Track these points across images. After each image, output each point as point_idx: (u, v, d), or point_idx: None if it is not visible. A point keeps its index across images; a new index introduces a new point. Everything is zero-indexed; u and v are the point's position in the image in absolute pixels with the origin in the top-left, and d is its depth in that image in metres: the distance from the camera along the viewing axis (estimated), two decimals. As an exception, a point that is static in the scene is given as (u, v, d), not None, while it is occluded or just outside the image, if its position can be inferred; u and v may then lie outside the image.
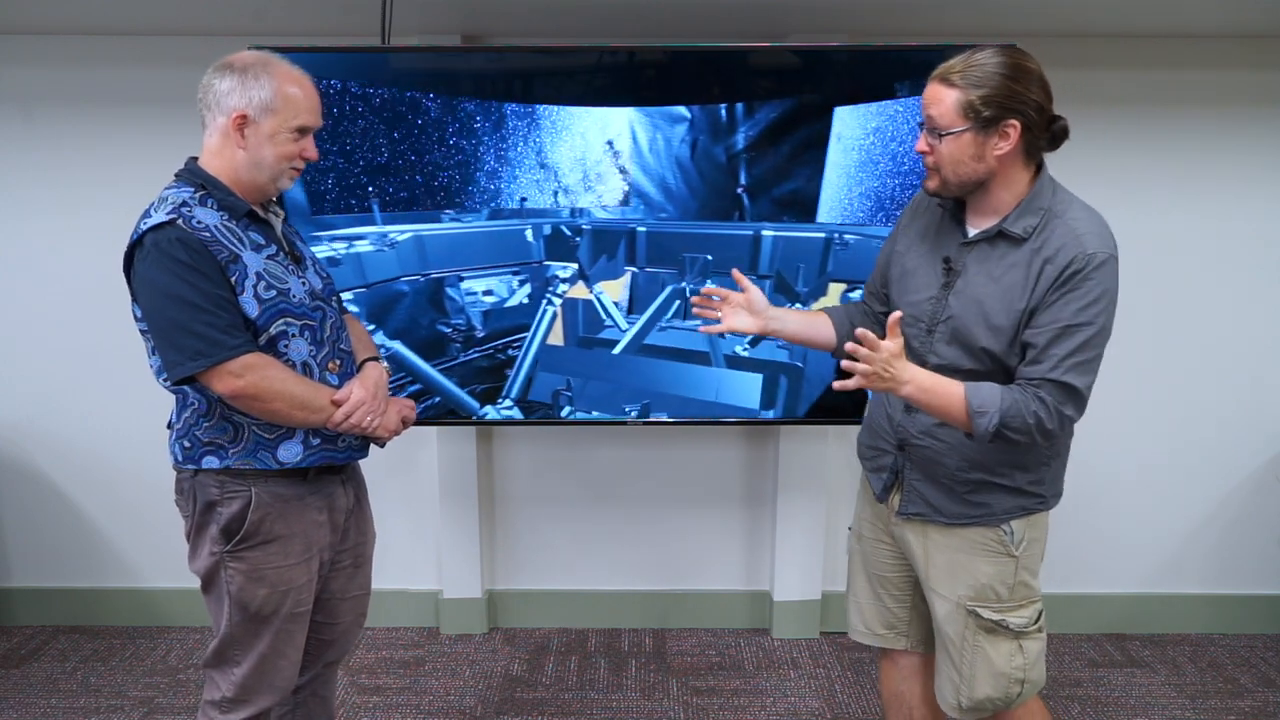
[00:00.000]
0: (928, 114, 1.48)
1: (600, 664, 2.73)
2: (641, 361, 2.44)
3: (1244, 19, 2.40)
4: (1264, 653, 2.79)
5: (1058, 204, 1.48)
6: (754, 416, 2.46)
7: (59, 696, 2.53)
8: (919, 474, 1.62)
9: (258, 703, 1.60)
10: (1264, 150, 2.60)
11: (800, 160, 2.25)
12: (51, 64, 2.55)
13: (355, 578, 1.76)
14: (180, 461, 1.55)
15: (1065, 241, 1.44)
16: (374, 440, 1.67)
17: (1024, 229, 1.47)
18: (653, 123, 2.25)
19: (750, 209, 2.30)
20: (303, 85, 1.52)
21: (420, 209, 2.30)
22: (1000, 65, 1.42)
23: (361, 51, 2.18)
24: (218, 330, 1.42)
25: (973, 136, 1.44)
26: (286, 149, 1.51)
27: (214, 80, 1.49)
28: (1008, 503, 1.56)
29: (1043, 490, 1.59)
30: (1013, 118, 1.42)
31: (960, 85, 1.43)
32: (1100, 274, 1.42)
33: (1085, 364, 1.43)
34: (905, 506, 1.66)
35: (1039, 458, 1.55)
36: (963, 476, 1.57)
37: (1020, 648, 1.60)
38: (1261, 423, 2.78)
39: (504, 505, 2.89)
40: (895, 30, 2.46)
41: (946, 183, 1.50)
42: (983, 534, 1.58)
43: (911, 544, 1.68)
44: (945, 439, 1.57)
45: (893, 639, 1.81)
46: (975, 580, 1.59)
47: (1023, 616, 1.60)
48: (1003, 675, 1.60)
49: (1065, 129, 1.49)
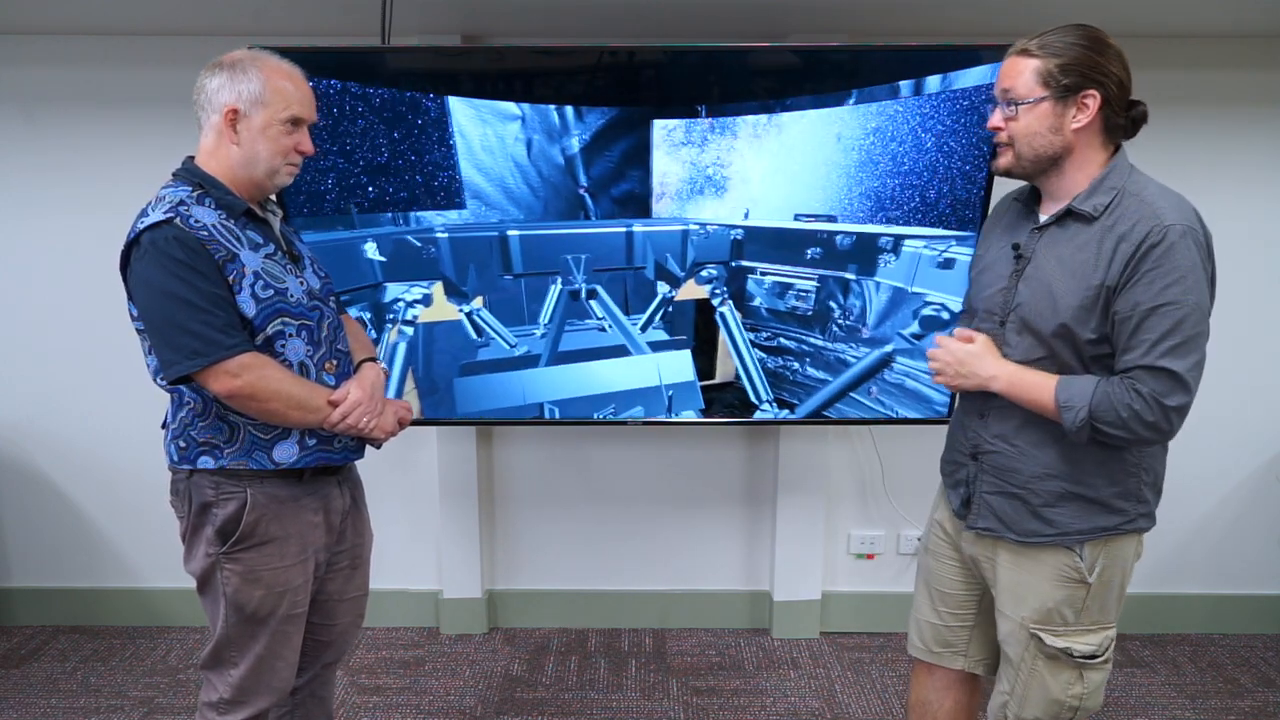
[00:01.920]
0: (1004, 87, 1.44)
1: (600, 664, 2.73)
2: (569, 370, 2.37)
3: (1244, 19, 2.39)
4: (1264, 653, 2.78)
5: (1132, 183, 1.41)
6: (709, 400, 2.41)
7: (59, 696, 2.53)
8: (991, 484, 1.55)
9: (255, 704, 1.60)
10: (1264, 150, 2.60)
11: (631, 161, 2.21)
12: (51, 64, 2.55)
13: (353, 579, 1.76)
14: (175, 462, 1.55)
15: (1140, 216, 1.37)
16: (370, 441, 1.67)
17: (1094, 207, 1.41)
18: (481, 116, 2.15)
19: (594, 208, 2.24)
20: (293, 78, 1.52)
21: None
22: (1080, 36, 1.40)
23: (361, 51, 2.17)
24: (214, 329, 1.42)
25: (1050, 106, 1.40)
26: (280, 142, 1.51)
27: (205, 80, 1.49)
28: (1085, 520, 1.48)
29: (1127, 506, 1.48)
30: (1092, 88, 1.39)
31: (1039, 55, 1.40)
32: (1182, 246, 1.33)
33: (1181, 346, 1.34)
34: (975, 520, 1.58)
35: (1125, 467, 1.46)
36: (1038, 486, 1.49)
37: (1081, 677, 1.53)
38: (1261, 423, 2.78)
39: (504, 505, 2.89)
40: (895, 30, 2.46)
41: (1020, 158, 1.45)
42: (1055, 556, 1.50)
43: (981, 563, 1.62)
44: (1020, 443, 1.51)
45: (949, 657, 1.75)
46: (1041, 603, 1.52)
47: (1089, 644, 1.52)
48: (1057, 702, 1.54)
49: (1145, 114, 1.44)
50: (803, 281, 2.16)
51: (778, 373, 2.30)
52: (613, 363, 2.37)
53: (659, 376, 2.37)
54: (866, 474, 2.85)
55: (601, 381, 2.38)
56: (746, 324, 2.29)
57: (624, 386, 2.38)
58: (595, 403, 2.41)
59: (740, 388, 2.36)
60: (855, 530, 2.89)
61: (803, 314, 2.18)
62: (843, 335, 2.16)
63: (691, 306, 2.33)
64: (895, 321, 1.99)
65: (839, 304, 2.14)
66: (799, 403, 2.30)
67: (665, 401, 2.39)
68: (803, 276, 2.16)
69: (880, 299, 2.06)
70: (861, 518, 2.88)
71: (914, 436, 2.68)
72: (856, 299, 2.09)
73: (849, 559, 2.91)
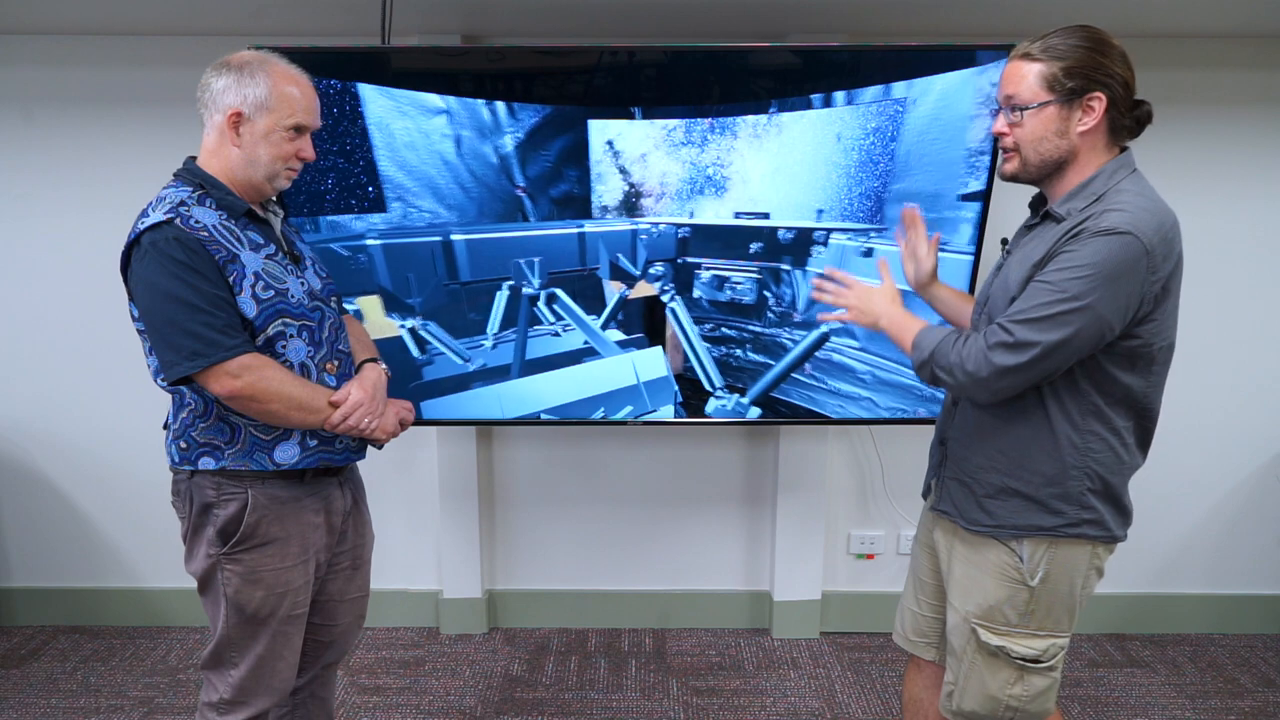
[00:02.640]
0: (1007, 93, 1.43)
1: (600, 664, 2.73)
2: (547, 379, 2.35)
3: (1244, 19, 2.39)
4: (1264, 653, 2.79)
5: (1113, 190, 1.39)
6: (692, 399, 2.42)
7: (59, 696, 2.53)
8: (951, 470, 1.60)
9: (255, 704, 1.60)
10: (1264, 150, 2.60)
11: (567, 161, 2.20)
12: (51, 64, 2.55)
13: (354, 579, 1.76)
14: (176, 462, 1.55)
15: (1093, 213, 1.36)
16: (371, 442, 1.66)
17: (1068, 210, 1.41)
18: (400, 109, 2.09)
19: (533, 210, 2.21)
20: (300, 84, 1.51)
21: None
22: (1083, 38, 1.39)
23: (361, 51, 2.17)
24: (215, 330, 1.42)
25: (1056, 110, 1.39)
26: (282, 149, 1.51)
27: (211, 79, 1.48)
28: (1021, 516, 1.48)
29: (1067, 509, 1.46)
30: (1098, 90, 1.38)
31: (1042, 59, 1.39)
32: (1100, 243, 1.31)
33: (1039, 321, 1.34)
34: (937, 502, 1.65)
35: (1064, 469, 1.45)
36: (982, 476, 1.53)
37: (1021, 678, 1.53)
38: (1261, 423, 2.78)
39: (504, 505, 2.89)
40: (895, 30, 2.46)
41: (1027, 163, 1.44)
42: (997, 553, 1.52)
43: (940, 547, 1.66)
44: (972, 434, 1.55)
45: (922, 647, 1.78)
46: (985, 599, 1.54)
47: (1031, 648, 1.52)
48: (993, 699, 1.55)
49: (1150, 114, 1.43)
50: (742, 274, 2.22)
51: (724, 361, 2.34)
52: (590, 366, 2.36)
53: (636, 375, 2.38)
54: (866, 474, 2.85)
55: (583, 386, 2.38)
56: (693, 315, 2.33)
57: (607, 388, 2.38)
58: (583, 407, 2.41)
59: (694, 378, 2.40)
60: (855, 530, 2.89)
61: (742, 304, 2.26)
62: (777, 321, 2.24)
63: (642, 304, 2.34)
64: (823, 305, 2.10)
65: (773, 293, 2.22)
66: (747, 386, 2.35)
67: (646, 399, 2.40)
68: (743, 270, 2.22)
69: (809, 286, 2.16)
70: (861, 518, 2.88)
71: (914, 436, 2.68)
72: (788, 288, 2.19)
73: (849, 559, 2.92)
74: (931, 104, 2.01)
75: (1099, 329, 1.34)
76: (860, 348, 2.19)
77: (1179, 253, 1.41)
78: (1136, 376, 1.43)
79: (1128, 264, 1.32)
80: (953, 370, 1.42)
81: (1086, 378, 1.42)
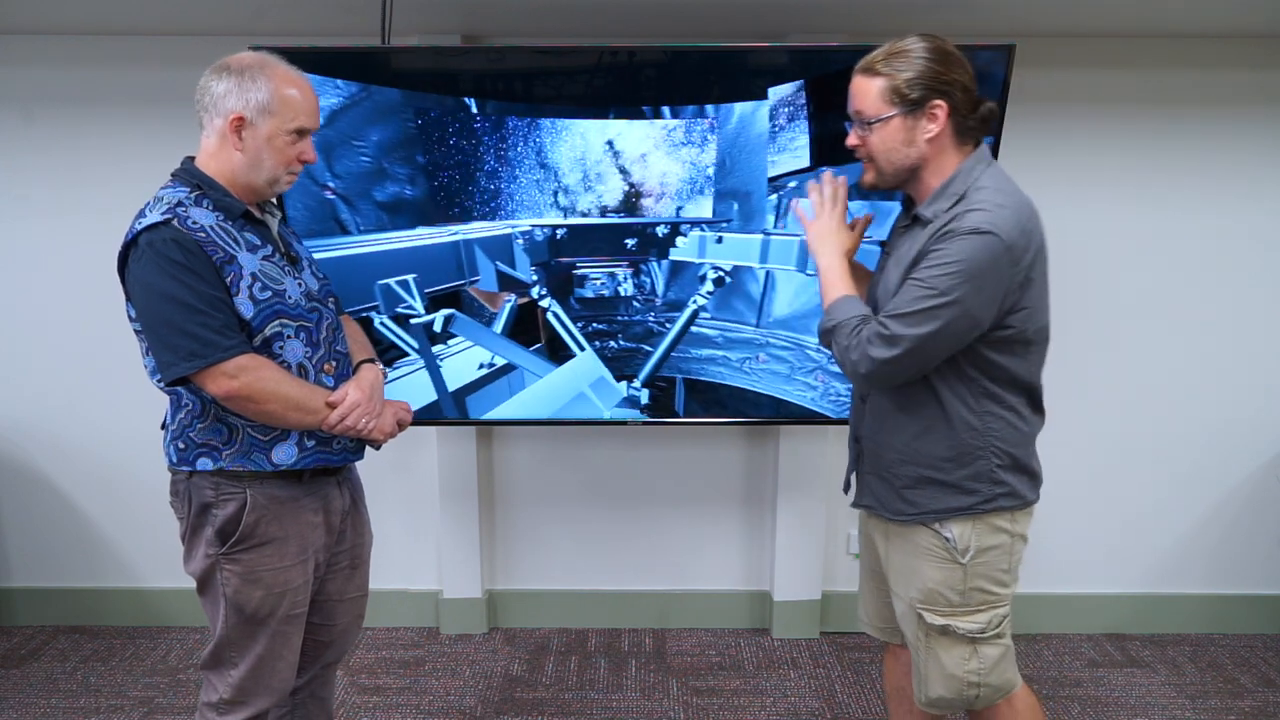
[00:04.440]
0: (855, 109, 1.51)
1: (600, 664, 2.73)
2: (484, 402, 2.40)
3: (1244, 19, 2.39)
4: (1264, 653, 2.78)
5: (976, 189, 1.45)
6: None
7: (59, 696, 2.53)
8: (868, 465, 1.66)
9: (255, 704, 1.60)
10: (1264, 150, 2.60)
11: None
12: (51, 64, 2.55)
13: (352, 579, 1.76)
14: (175, 463, 1.55)
15: (958, 212, 1.43)
16: (369, 442, 1.67)
17: (934, 212, 1.47)
18: None
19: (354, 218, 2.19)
20: (301, 87, 1.51)
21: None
22: (922, 50, 1.46)
23: (361, 51, 2.17)
24: (212, 331, 1.42)
25: (901, 121, 1.46)
26: (284, 153, 1.51)
27: (211, 82, 1.48)
28: (939, 501, 1.54)
29: (980, 487, 1.53)
30: (938, 98, 1.44)
31: (884, 73, 1.46)
32: (964, 243, 1.38)
33: (909, 316, 1.41)
34: (858, 498, 1.70)
35: (970, 452, 1.52)
36: (898, 470, 1.58)
37: (975, 652, 1.59)
38: (1261, 423, 2.78)
39: (504, 505, 2.89)
40: (895, 30, 2.42)
41: (882, 173, 1.52)
42: (926, 538, 1.57)
43: (876, 541, 1.71)
44: (882, 430, 1.60)
45: (890, 633, 1.83)
46: (924, 583, 1.59)
47: (975, 622, 1.57)
48: (954, 678, 1.60)
49: (992, 110, 1.50)
50: (613, 270, 2.32)
51: (603, 352, 2.40)
52: (542, 384, 2.41)
53: (581, 383, 2.42)
54: (866, 474, 2.85)
55: (531, 407, 2.42)
56: (572, 315, 2.37)
57: (564, 400, 2.43)
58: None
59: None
60: (855, 530, 2.89)
61: (615, 297, 2.35)
62: (644, 308, 2.35)
63: (525, 310, 2.36)
64: (684, 288, 2.28)
65: (640, 283, 2.33)
66: (636, 373, 2.41)
67: (600, 406, 2.44)
68: (614, 264, 2.31)
69: (665, 272, 2.31)
70: (861, 518, 2.88)
71: (914, 436, 2.68)
72: (646, 277, 2.32)
73: (849, 559, 2.91)
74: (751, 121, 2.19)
75: (967, 323, 1.41)
76: (710, 316, 2.35)
77: (1040, 241, 1.46)
78: (1016, 359, 1.50)
79: (989, 261, 1.38)
80: (844, 350, 1.49)
81: (972, 365, 1.49)
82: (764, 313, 2.31)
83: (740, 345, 2.35)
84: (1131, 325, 2.71)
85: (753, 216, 2.24)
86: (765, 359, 2.33)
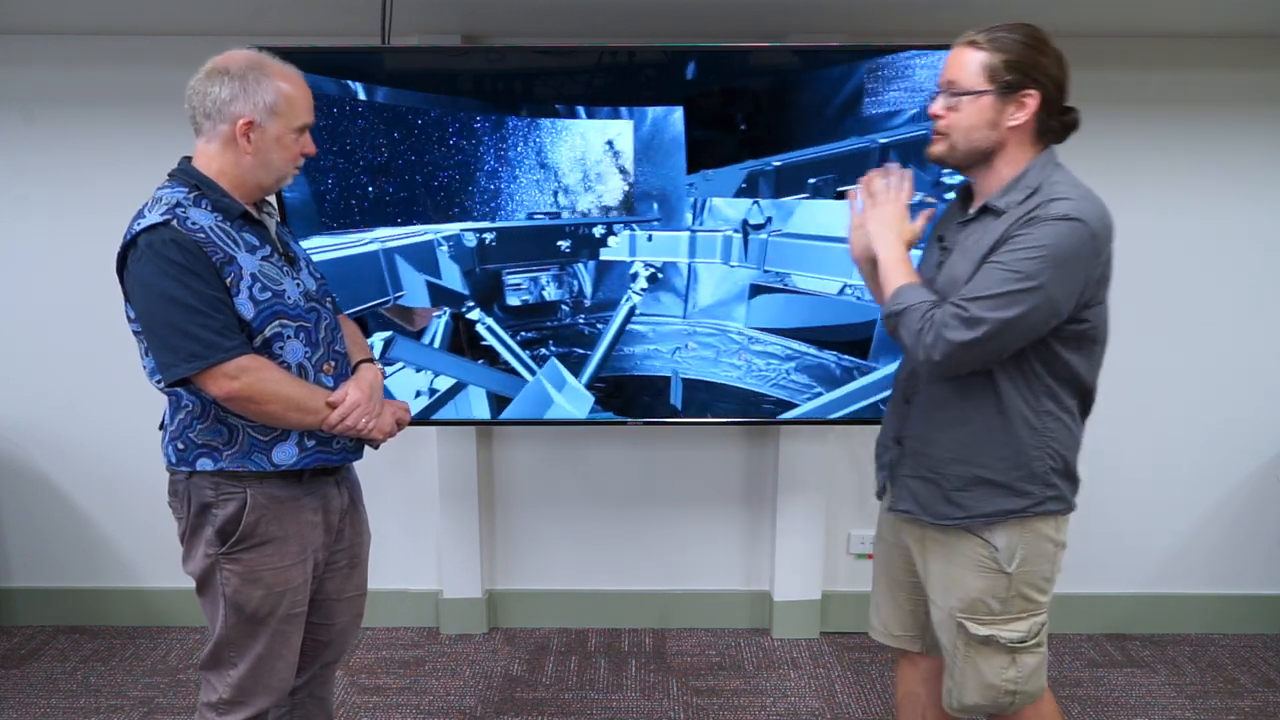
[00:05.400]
0: (949, 77, 1.48)
1: (600, 664, 2.73)
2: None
3: (1244, 19, 2.39)
4: (1264, 653, 2.78)
5: (1049, 181, 1.45)
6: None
7: (59, 696, 2.53)
8: (910, 468, 1.61)
9: (254, 704, 1.60)
10: (1264, 150, 2.60)
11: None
12: (51, 64, 2.56)
13: (351, 578, 1.76)
14: (174, 463, 1.55)
15: (1039, 203, 1.42)
16: (368, 442, 1.66)
17: (1006, 204, 1.46)
18: None
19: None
20: (297, 83, 1.52)
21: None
22: (1026, 35, 1.44)
23: (361, 51, 2.18)
24: (212, 332, 1.42)
25: (992, 101, 1.44)
26: (292, 150, 1.52)
27: (209, 87, 1.46)
28: (990, 503, 1.51)
29: (1033, 489, 1.51)
30: (1033, 88, 1.43)
31: (986, 48, 1.44)
32: (1051, 228, 1.37)
33: (992, 299, 1.37)
34: (895, 503, 1.65)
35: (1027, 450, 1.49)
36: (948, 470, 1.54)
37: (1014, 661, 1.57)
38: (1261, 423, 2.78)
39: (504, 505, 2.89)
40: (894, 30, 2.46)
41: (954, 149, 1.49)
42: (972, 547, 1.54)
43: (912, 548, 1.67)
44: (933, 429, 1.56)
45: (908, 641, 1.79)
46: (966, 593, 1.56)
47: (1017, 630, 1.56)
48: (992, 687, 1.58)
49: (1076, 121, 1.50)
50: (539, 274, 2.34)
51: (543, 358, 2.42)
52: (513, 406, 2.44)
53: (553, 393, 2.44)
54: (866, 474, 2.85)
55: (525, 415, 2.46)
56: (504, 325, 2.39)
57: (532, 416, 2.46)
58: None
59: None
60: (855, 530, 2.89)
61: (543, 303, 2.38)
62: (570, 310, 2.38)
63: (459, 325, 2.36)
64: (613, 287, 2.33)
65: (568, 285, 2.36)
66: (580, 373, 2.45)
67: (572, 410, 2.46)
68: (539, 268, 2.34)
69: (593, 274, 2.35)
70: (861, 518, 2.88)
71: (914, 436, 2.68)
72: (573, 279, 2.35)
73: (849, 559, 2.92)
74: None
75: (1049, 310, 1.39)
76: (640, 313, 2.39)
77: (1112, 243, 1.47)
78: (1082, 357, 1.48)
79: (1075, 248, 1.37)
80: (916, 335, 1.43)
81: (1039, 360, 1.47)
82: (689, 304, 2.36)
83: (670, 337, 2.40)
84: (1132, 325, 2.71)
85: (672, 215, 2.28)
86: (694, 346, 2.39)
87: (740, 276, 2.32)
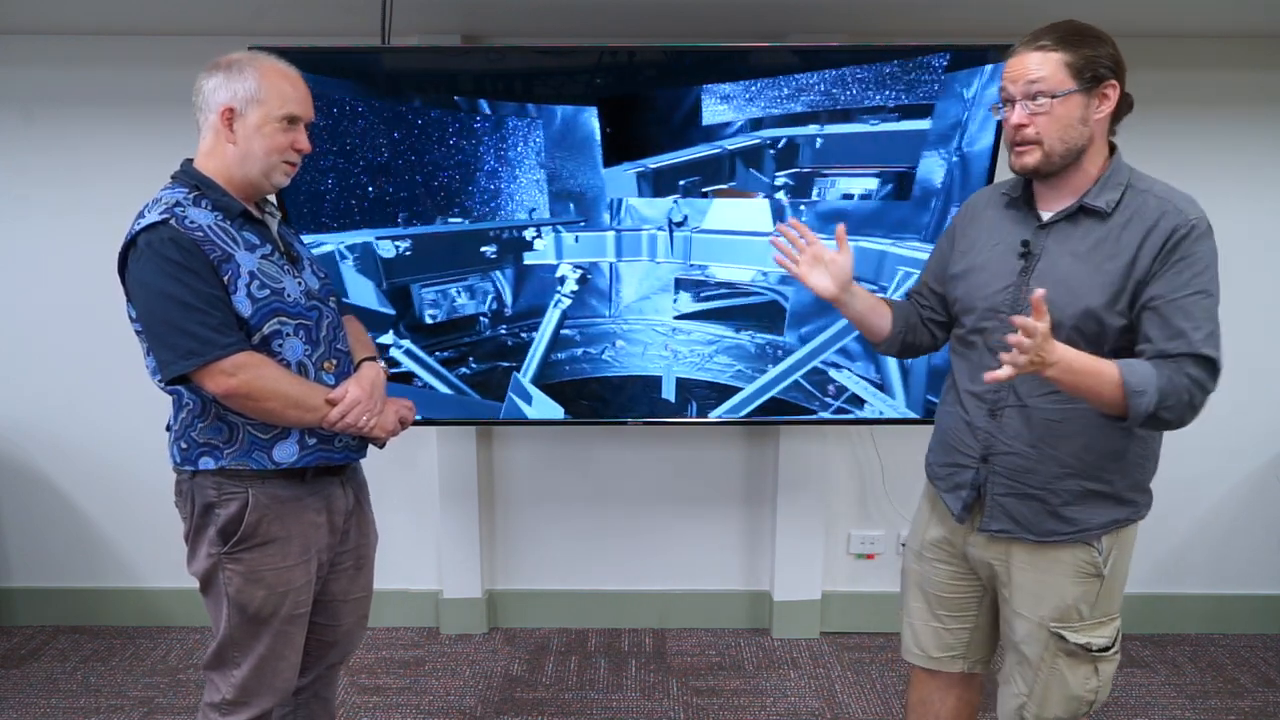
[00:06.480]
0: (1030, 83, 1.41)
1: (600, 664, 2.73)
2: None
3: (1244, 19, 2.39)
4: (1264, 653, 2.79)
5: (1136, 179, 1.46)
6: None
7: (59, 696, 2.53)
8: (1005, 486, 1.53)
9: (258, 704, 1.60)
10: (1264, 150, 2.60)
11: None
12: (51, 64, 2.55)
13: (357, 579, 1.76)
14: (178, 463, 1.55)
15: (1164, 210, 1.40)
16: (372, 441, 1.67)
17: (1107, 203, 1.43)
18: None
19: None
20: (288, 77, 1.52)
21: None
22: (1086, 29, 1.43)
23: (361, 51, 2.17)
24: (210, 329, 1.42)
25: (1081, 98, 1.42)
26: (275, 140, 1.51)
27: (203, 81, 1.50)
28: (1103, 515, 1.49)
29: (1137, 497, 1.51)
30: (1112, 78, 1.42)
31: (1058, 48, 1.41)
32: (1207, 241, 1.38)
33: (1214, 335, 1.37)
34: (988, 523, 1.56)
35: (1137, 460, 1.49)
36: (1058, 486, 1.48)
37: (1096, 670, 1.55)
38: (1261, 423, 2.78)
39: (504, 505, 2.89)
40: (895, 30, 2.46)
41: (1050, 154, 1.44)
42: (1073, 554, 1.51)
43: (993, 565, 1.60)
44: (1038, 445, 1.49)
45: (948, 662, 1.73)
46: (1060, 600, 1.52)
47: (1104, 637, 1.54)
48: (1076, 698, 1.55)
49: (1131, 104, 1.48)
50: (460, 283, 2.34)
51: (478, 378, 2.43)
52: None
53: (529, 405, 2.45)
54: (866, 474, 2.85)
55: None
56: (424, 345, 2.38)
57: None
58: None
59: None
60: (855, 530, 2.89)
61: (465, 315, 2.38)
62: (489, 322, 2.38)
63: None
64: (536, 293, 2.35)
65: (489, 294, 2.37)
66: (519, 376, 2.46)
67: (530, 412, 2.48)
68: (460, 276, 2.34)
69: (512, 281, 2.36)
70: (861, 518, 2.88)
71: (914, 436, 2.67)
72: (490, 289, 2.35)
73: (849, 559, 2.92)
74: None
75: None
76: (567, 316, 2.41)
77: None
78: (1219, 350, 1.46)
79: (1215, 250, 1.41)
80: (1184, 410, 1.35)
81: None
82: (614, 302, 2.38)
83: (598, 338, 2.41)
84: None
85: (590, 214, 2.30)
86: (622, 344, 2.41)
87: (664, 271, 2.34)
